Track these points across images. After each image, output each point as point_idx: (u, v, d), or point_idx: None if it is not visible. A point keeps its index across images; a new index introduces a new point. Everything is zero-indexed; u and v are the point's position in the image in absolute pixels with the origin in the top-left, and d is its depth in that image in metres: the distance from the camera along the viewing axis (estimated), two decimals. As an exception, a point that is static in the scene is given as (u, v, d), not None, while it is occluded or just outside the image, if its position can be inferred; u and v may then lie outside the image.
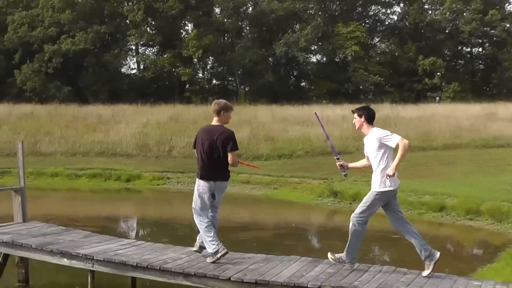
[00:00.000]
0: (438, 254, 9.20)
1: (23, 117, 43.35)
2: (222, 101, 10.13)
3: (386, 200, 9.25)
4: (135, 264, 9.60)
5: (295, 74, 70.82)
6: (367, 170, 9.63)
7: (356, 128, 9.58)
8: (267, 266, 9.43)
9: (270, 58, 66.90)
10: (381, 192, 9.18)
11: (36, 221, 13.02)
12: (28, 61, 64.64)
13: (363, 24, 68.07)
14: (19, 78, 61.41)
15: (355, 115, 9.50)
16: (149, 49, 72.31)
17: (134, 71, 72.85)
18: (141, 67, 68.98)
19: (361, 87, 65.29)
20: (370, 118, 9.44)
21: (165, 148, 34.75)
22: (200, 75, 70.24)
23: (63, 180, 30.20)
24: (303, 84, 70.74)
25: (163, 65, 63.17)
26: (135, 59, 71.11)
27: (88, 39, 61.63)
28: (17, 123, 41.77)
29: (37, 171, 31.22)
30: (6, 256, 11.76)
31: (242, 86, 68.72)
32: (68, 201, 26.75)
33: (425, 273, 9.13)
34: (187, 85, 68.75)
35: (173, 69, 64.61)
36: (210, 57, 67.76)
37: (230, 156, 9.69)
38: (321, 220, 22.17)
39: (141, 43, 69.02)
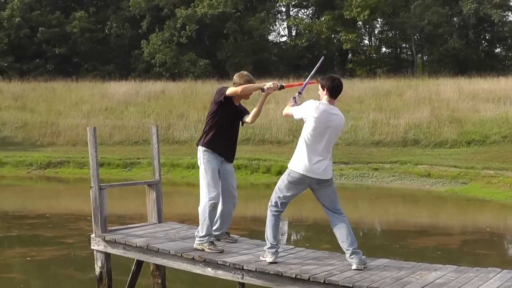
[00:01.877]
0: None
1: (153, 97, 44.70)
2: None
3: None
4: (294, 276, 9.59)
5: (487, 37, 69.19)
6: None
7: None
8: (458, 280, 9.25)
9: (455, 19, 65.72)
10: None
11: (173, 222, 13.34)
12: (157, 30, 66.49)
13: None
14: (147, 50, 62.68)
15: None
16: (302, 10, 72.98)
17: (284, 39, 73.73)
18: (293, 33, 69.39)
19: None
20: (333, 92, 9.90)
21: (324, 133, 34.90)
22: (366, 41, 70.10)
23: (201, 173, 30.73)
24: (497, 50, 69.16)
25: (320, 30, 62.93)
26: (285, 24, 71.76)
27: (228, 1, 62.28)
28: (146, 104, 43.18)
29: (171, 162, 32.15)
30: (140, 263, 12.11)
31: (419, 55, 67.98)
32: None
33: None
34: (350, 55, 68.73)
35: (333, 35, 64.49)
36: (379, 19, 67.21)
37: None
38: (524, 224, 21.79)
39: (293, 3, 69.52)
